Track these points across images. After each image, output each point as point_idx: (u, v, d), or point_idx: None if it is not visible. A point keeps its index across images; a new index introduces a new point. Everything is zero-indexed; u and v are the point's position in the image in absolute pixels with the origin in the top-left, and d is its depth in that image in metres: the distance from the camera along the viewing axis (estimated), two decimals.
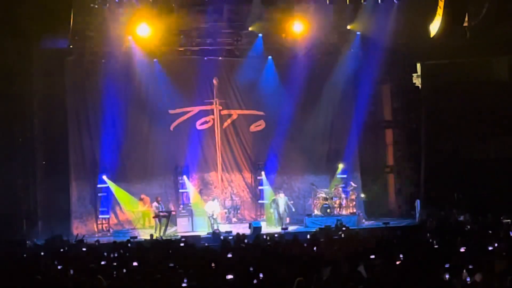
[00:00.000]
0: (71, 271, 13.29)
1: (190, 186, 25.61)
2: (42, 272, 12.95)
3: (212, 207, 24.22)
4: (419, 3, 24.82)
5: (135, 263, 14.18)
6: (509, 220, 18.33)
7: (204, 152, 26.35)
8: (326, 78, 26.64)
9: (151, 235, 21.29)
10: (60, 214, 24.45)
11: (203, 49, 25.70)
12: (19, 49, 23.20)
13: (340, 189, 25.45)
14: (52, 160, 24.66)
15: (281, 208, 24.78)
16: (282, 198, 24.91)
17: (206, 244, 19.21)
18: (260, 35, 25.56)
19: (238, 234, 19.51)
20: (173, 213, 24.16)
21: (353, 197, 25.40)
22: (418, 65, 25.70)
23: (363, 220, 25.09)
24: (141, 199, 24.76)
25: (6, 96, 23.03)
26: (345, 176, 26.16)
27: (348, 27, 25.75)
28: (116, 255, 16.07)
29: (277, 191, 25.46)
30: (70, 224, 24.45)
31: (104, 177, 24.76)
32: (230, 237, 20.45)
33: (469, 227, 19.50)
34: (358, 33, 25.77)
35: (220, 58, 26.09)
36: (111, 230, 24.63)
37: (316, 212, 25.06)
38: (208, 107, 26.28)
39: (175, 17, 24.60)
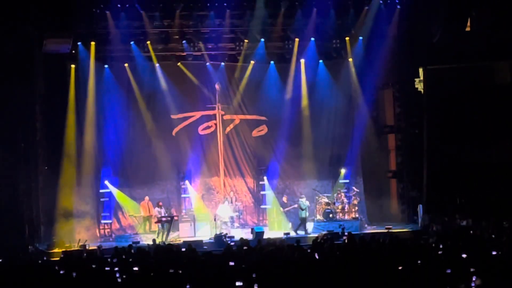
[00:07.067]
0: (73, 275, 13.25)
1: (193, 191, 25.58)
2: (44, 277, 12.93)
3: (224, 211, 24.21)
4: (422, 8, 24.88)
5: (136, 268, 14.14)
6: None
7: (206, 157, 26.32)
8: (329, 83, 26.64)
9: (154, 240, 21.25)
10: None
11: (206, 54, 25.72)
12: (21, 53, 23.25)
13: (343, 194, 25.38)
14: (54, 165, 24.65)
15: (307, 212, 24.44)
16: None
17: (209, 250, 19.16)
18: (263, 40, 25.61)
19: (241, 239, 19.49)
20: (176, 218, 24.11)
21: (356, 202, 25.35)
22: (421, 70, 25.65)
23: (366, 225, 25.04)
24: (144, 201, 24.62)
25: (9, 100, 23.05)
26: (347, 181, 26.13)
27: (351, 32, 25.84)
28: (118, 260, 16.02)
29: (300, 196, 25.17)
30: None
31: (106, 182, 24.79)
32: (232, 242, 20.41)
33: (471, 232, 19.45)
34: (361, 38, 25.83)
35: (222, 63, 26.12)
36: (113, 235, 24.61)
37: (319, 217, 25.00)
38: (210, 112, 26.27)
39: (178, 22, 24.71)
